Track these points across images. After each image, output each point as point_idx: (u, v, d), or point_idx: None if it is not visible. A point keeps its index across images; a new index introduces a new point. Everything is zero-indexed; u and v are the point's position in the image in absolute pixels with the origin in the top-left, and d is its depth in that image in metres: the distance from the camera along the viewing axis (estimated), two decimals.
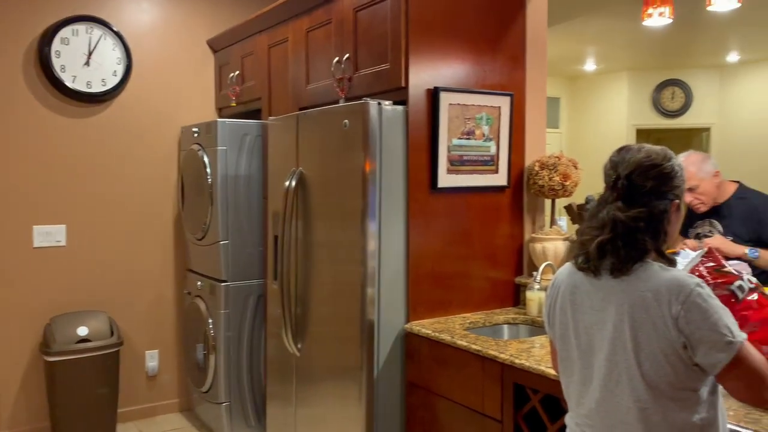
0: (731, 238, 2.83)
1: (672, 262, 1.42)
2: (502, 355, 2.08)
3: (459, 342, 2.25)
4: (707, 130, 7.57)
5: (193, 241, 3.73)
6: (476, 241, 2.72)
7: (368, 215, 2.45)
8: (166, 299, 4.04)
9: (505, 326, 2.64)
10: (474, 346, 2.19)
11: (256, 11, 3.61)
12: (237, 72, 3.85)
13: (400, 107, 2.51)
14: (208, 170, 3.45)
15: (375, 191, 2.46)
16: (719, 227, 2.92)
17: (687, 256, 2.08)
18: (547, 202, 2.87)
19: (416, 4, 2.50)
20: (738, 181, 2.97)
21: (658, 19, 2.40)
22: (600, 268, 1.43)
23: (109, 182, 3.83)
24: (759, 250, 2.61)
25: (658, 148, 1.48)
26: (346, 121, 2.52)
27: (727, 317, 1.31)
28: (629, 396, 1.36)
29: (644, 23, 2.49)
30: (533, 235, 2.81)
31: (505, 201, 2.80)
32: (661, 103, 7.54)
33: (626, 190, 1.44)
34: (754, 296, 1.80)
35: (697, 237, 3.00)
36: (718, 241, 2.69)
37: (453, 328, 2.42)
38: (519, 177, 2.84)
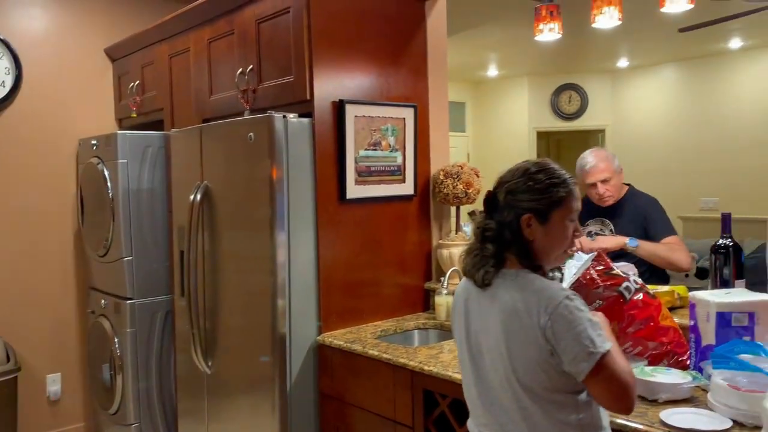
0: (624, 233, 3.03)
1: (545, 273, 1.52)
2: (411, 363, 2.14)
3: (370, 352, 2.29)
4: (602, 131, 8.01)
5: (95, 258, 3.58)
6: (386, 249, 2.77)
7: (277, 226, 2.44)
8: (67, 319, 3.85)
9: (416, 332, 2.70)
10: (385, 355, 2.23)
11: (155, 19, 3.51)
12: (137, 82, 3.72)
13: (306, 120, 2.52)
14: (109, 184, 3.32)
15: (283, 202, 2.45)
16: (610, 226, 3.10)
17: (580, 258, 2.21)
18: (453, 209, 2.96)
19: (319, 16, 2.52)
20: (629, 184, 3.16)
21: (549, 34, 2.53)
22: (475, 276, 1.53)
23: (1, 198, 3.61)
24: (638, 240, 2.77)
25: (528, 163, 1.56)
26: (252, 134, 2.50)
27: (592, 329, 1.37)
28: (511, 398, 1.46)
29: (536, 38, 2.62)
30: (440, 241, 2.89)
31: (412, 209, 2.87)
32: (560, 107, 7.92)
33: (488, 203, 1.55)
34: (639, 296, 1.94)
35: (589, 234, 3.18)
36: (600, 239, 2.84)
37: (365, 338, 2.46)
38: (425, 185, 2.91)
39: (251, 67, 2.78)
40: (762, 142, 6.57)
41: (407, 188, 2.82)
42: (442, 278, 2.71)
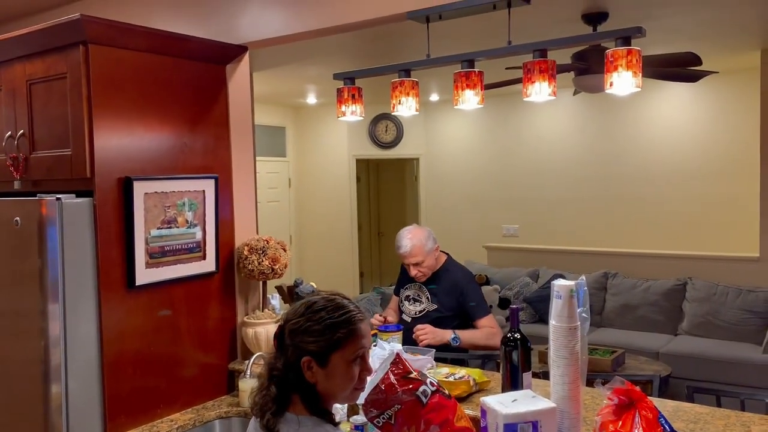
0: (436, 306, 3.11)
1: (332, 417, 1.47)
2: None
3: None
4: (417, 159, 8.33)
5: None
6: (184, 333, 2.56)
7: (49, 325, 2.14)
8: None
9: (218, 422, 2.53)
10: None
11: None
12: None
13: (85, 200, 2.25)
14: None
15: (57, 296, 2.16)
16: (427, 293, 3.17)
17: (378, 356, 2.19)
18: (261, 283, 2.83)
19: (101, 84, 2.26)
20: (447, 253, 3.27)
21: (351, 116, 2.50)
22: (261, 422, 1.45)
23: None
24: (459, 335, 2.93)
25: (315, 298, 1.51)
26: (18, 218, 2.17)
27: None
28: None
29: (338, 118, 2.57)
30: (245, 319, 2.74)
31: (214, 286, 2.69)
32: (377, 136, 8.09)
33: (277, 339, 1.49)
34: (435, 399, 1.96)
35: (407, 299, 3.23)
36: (430, 333, 2.92)
37: None
38: (229, 259, 2.75)
39: (22, 131, 2.42)
40: (556, 174, 7.22)
41: (208, 265, 2.63)
42: (247, 361, 2.56)
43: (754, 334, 4.96)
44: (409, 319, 3.16)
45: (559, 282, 1.88)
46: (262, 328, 2.67)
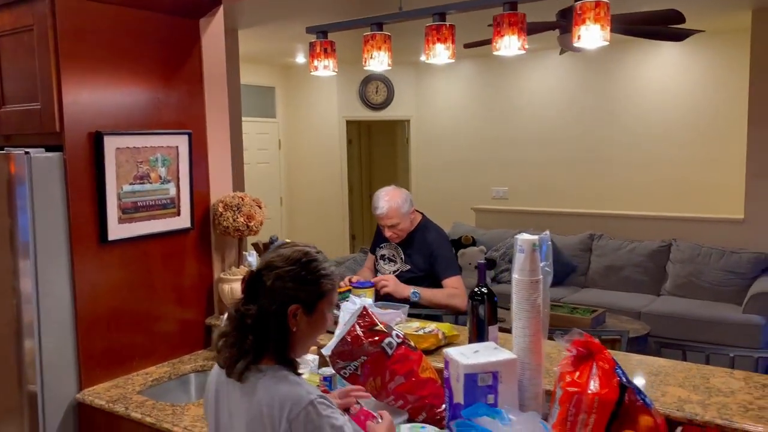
0: (409, 267, 3.13)
1: (296, 367, 1.48)
2: (176, 428, 2.01)
3: (133, 414, 2.12)
4: (408, 121, 8.28)
5: None
6: (160, 289, 2.58)
7: (20, 283, 2.16)
8: None
9: (193, 375, 2.57)
10: (148, 419, 2.08)
11: None
12: None
13: (55, 155, 2.24)
14: None
15: (28, 253, 2.17)
16: (402, 253, 3.19)
17: (348, 310, 2.22)
18: (236, 239, 2.84)
19: (69, 37, 2.23)
20: (422, 213, 3.26)
21: (323, 71, 2.48)
22: (232, 370, 1.45)
23: None
24: (420, 292, 2.94)
25: (299, 252, 1.51)
26: None
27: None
28: None
29: (312, 73, 2.55)
30: (221, 275, 2.76)
31: (190, 242, 2.70)
32: (367, 97, 8.03)
33: (251, 285, 1.47)
34: (401, 350, 2.00)
35: (382, 258, 3.25)
36: (391, 283, 2.93)
37: (129, 395, 2.28)
38: (205, 215, 2.75)
39: None
40: (546, 136, 7.20)
41: (183, 221, 2.64)
42: (222, 316, 2.59)
43: (736, 295, 5.01)
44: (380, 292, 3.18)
45: (522, 236, 1.89)
46: (237, 284, 2.69)
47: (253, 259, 2.85)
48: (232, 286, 2.70)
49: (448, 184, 7.96)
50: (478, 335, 2.14)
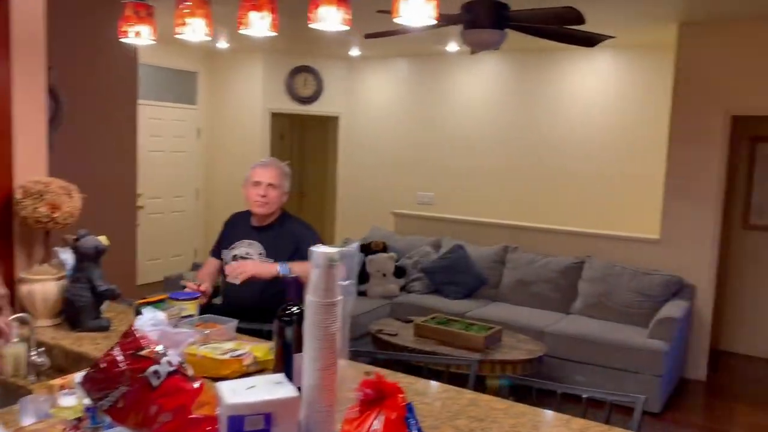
0: (272, 260, 2.80)
1: None
2: None
3: None
4: (337, 117, 7.92)
5: None
6: None
7: None
8: None
9: None
10: None
11: None
12: None
13: None
14: None
15: None
16: (260, 249, 2.87)
17: (143, 325, 1.84)
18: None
19: None
20: (284, 210, 3.02)
21: (135, 39, 2.10)
22: None
23: None
24: (288, 264, 2.68)
25: None
26: None
27: None
28: None
29: (121, 40, 2.16)
30: (22, 274, 2.35)
31: None
32: (295, 89, 7.64)
33: None
34: (172, 381, 1.63)
35: (234, 258, 2.90)
36: (251, 265, 2.69)
37: None
38: (7, 202, 2.34)
39: None
40: (473, 142, 6.95)
41: None
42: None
43: (644, 318, 4.81)
44: (238, 282, 2.82)
45: (318, 249, 1.55)
46: (39, 285, 2.29)
47: (68, 256, 2.45)
48: (32, 287, 2.29)
49: (374, 185, 7.65)
50: (285, 363, 1.81)
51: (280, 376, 1.62)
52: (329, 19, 1.87)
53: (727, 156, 4.99)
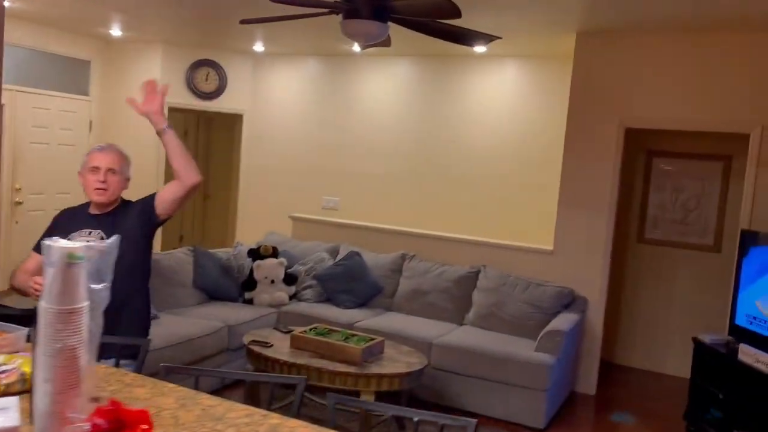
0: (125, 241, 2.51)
1: None
2: None
3: None
4: (240, 115, 7.56)
5: None
6: None
7: None
8: None
9: None
10: None
11: None
12: None
13: None
14: None
15: None
16: (101, 234, 2.67)
17: None
18: None
19: None
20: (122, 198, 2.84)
21: None
22: None
23: None
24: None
25: None
26: None
27: None
28: None
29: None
30: None
31: None
32: (196, 84, 7.24)
33: None
34: None
35: None
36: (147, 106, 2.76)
37: None
38: None
39: None
40: (378, 146, 6.75)
41: None
42: None
43: (535, 331, 4.70)
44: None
45: (55, 243, 1.26)
46: None
47: None
48: None
49: (277, 188, 7.34)
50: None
51: (14, 400, 1.32)
52: None
53: (620, 168, 4.97)
